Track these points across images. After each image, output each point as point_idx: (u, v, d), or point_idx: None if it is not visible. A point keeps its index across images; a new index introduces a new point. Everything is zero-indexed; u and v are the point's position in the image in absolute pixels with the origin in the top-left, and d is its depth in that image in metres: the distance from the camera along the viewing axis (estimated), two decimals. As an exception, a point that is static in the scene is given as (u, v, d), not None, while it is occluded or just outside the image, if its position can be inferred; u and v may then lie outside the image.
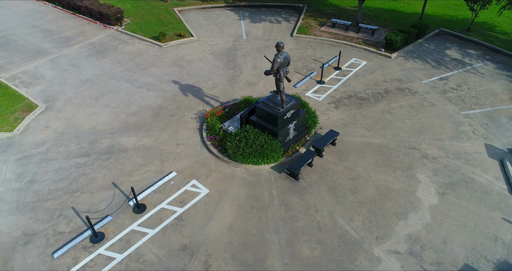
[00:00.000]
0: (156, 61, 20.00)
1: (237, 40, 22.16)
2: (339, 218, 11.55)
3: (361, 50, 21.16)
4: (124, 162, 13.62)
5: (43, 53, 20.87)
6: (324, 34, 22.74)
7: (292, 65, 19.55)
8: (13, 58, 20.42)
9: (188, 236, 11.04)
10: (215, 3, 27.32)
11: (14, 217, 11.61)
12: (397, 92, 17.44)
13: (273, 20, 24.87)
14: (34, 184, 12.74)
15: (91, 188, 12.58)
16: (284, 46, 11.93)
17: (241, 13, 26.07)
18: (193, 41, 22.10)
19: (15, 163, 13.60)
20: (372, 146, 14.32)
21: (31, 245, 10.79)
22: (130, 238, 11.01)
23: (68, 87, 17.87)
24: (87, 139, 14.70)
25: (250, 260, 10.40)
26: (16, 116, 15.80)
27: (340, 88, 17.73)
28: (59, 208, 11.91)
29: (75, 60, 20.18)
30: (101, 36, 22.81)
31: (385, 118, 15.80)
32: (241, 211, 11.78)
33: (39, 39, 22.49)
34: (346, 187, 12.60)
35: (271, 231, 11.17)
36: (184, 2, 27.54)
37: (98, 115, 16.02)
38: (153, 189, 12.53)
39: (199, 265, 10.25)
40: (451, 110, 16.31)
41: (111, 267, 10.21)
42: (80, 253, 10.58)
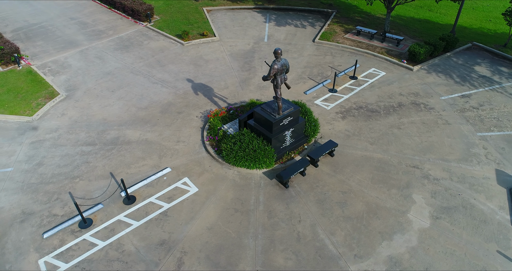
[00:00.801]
0: (175, 59, 20.61)
1: (257, 43, 22.28)
2: (320, 231, 11.36)
3: (382, 60, 20.50)
4: (125, 153, 14.23)
5: (74, 45, 22.20)
6: (347, 41, 22.27)
7: (307, 71, 19.37)
8: (48, 48, 21.90)
9: (169, 231, 11.36)
10: (244, 5, 27.60)
11: (17, 196, 12.54)
12: (411, 107, 16.75)
13: (298, 25, 24.72)
14: (41, 167, 13.66)
15: (90, 176, 13.27)
16: (282, 53, 11.89)
17: (268, 15, 26.14)
18: (215, 41, 22.50)
19: (28, 146, 14.64)
20: (371, 161, 13.90)
21: (26, 224, 11.61)
22: (115, 227, 11.51)
23: (90, 78, 18.90)
24: (96, 128, 15.50)
25: (223, 262, 10.52)
26: (38, 102, 16.97)
27: (351, 99, 17.32)
28: (58, 191, 12.69)
29: (102, 53, 21.28)
30: (130, 31, 23.85)
31: (392, 133, 15.24)
32: (224, 213, 11.92)
33: (74, 31, 23.93)
34: (335, 200, 12.34)
35: (250, 236, 11.22)
36: (214, 2, 28.08)
37: (111, 107, 16.82)
38: (146, 183, 12.99)
39: (173, 262, 10.52)
40: (466, 130, 15.41)
41: (92, 253, 10.75)
42: (67, 236, 11.23)
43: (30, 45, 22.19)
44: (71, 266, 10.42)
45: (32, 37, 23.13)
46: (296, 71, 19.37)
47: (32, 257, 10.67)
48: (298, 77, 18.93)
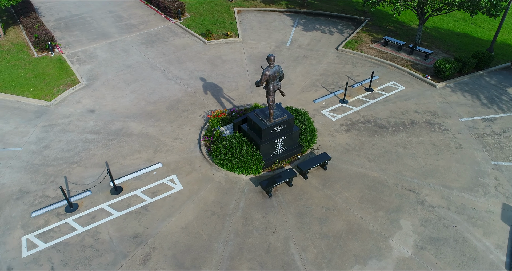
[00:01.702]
0: (194, 57, 20.99)
1: (279, 47, 22.07)
2: (292, 245, 11.04)
3: (405, 74, 19.44)
4: (123, 145, 14.76)
5: (106, 37, 23.37)
6: (372, 51, 21.38)
7: (322, 79, 18.86)
8: (81, 38, 23.26)
9: (145, 226, 11.63)
10: (276, 7, 27.45)
11: (19, 174, 13.48)
12: (424, 126, 15.73)
13: (326, 31, 24.13)
14: (46, 150, 14.57)
15: (87, 163, 13.93)
16: (275, 59, 11.70)
17: (297, 19, 25.80)
18: (237, 42, 22.62)
19: (41, 128, 15.67)
20: (365, 179, 13.25)
21: (20, 201, 12.44)
22: (97, 215, 11.99)
23: (111, 70, 19.81)
24: (104, 118, 16.23)
25: (187, 264, 10.57)
26: (60, 88, 18.10)
27: (361, 111, 16.62)
28: (55, 174, 13.46)
29: (128, 46, 22.21)
30: (159, 27, 24.65)
31: (396, 152, 14.42)
32: (201, 215, 11.98)
33: (109, 23, 25.20)
34: (316, 215, 11.93)
35: (220, 241, 11.17)
36: (247, 3, 28.21)
37: (123, 99, 17.52)
38: (135, 175, 13.40)
39: (140, 256, 10.76)
40: (480, 157, 14.20)
41: (69, 236, 11.29)
42: (52, 218, 11.89)
43: (67, 34, 23.70)
44: (48, 247, 11.01)
45: (70, 27, 24.68)
46: (310, 78, 18.95)
47: (17, 233, 11.42)
48: (311, 84, 18.50)
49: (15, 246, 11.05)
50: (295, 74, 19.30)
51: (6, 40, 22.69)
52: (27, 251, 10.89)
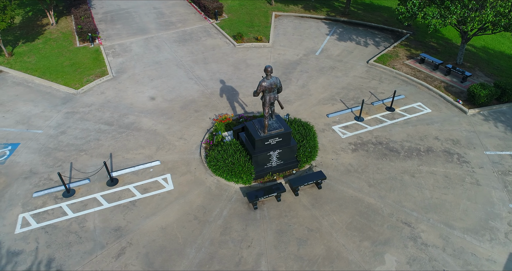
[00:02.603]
0: (220, 59, 21.22)
1: (307, 55, 21.58)
2: (264, 263, 10.76)
3: (435, 95, 18.06)
4: (130, 139, 15.35)
5: (144, 32, 24.44)
6: (404, 68, 20.14)
7: (342, 93, 18.12)
8: (122, 31, 24.55)
9: (128, 220, 12.01)
10: (316, 14, 26.86)
11: (33, 156, 14.57)
12: (441, 155, 14.51)
13: (361, 42, 23.15)
14: (62, 135, 15.60)
15: (93, 152, 14.70)
16: (272, 71, 11.43)
17: (334, 28, 25.03)
18: (266, 47, 22.49)
19: (63, 115, 16.80)
20: (359, 204, 12.53)
21: (27, 181, 13.45)
22: (88, 204, 12.61)
23: (140, 65, 20.68)
24: (120, 111, 16.99)
25: (157, 264, 10.75)
26: (89, 78, 19.27)
27: (375, 131, 15.73)
28: (63, 159, 14.37)
29: (162, 42, 23.03)
30: (196, 26, 25.26)
31: (401, 179, 13.46)
32: (183, 217, 12.10)
33: (150, 19, 26.32)
34: (296, 235, 11.52)
35: (194, 247, 11.21)
36: (288, 8, 27.92)
37: (142, 94, 18.21)
38: (133, 170, 13.88)
39: (116, 249, 11.13)
40: (497, 197, 12.79)
41: (58, 221, 12.00)
42: (49, 201, 12.71)
43: (110, 27, 25.15)
44: (39, 227, 11.80)
45: (115, 20, 26.16)
46: (330, 91, 18.31)
47: (17, 210, 12.37)
48: (329, 97, 17.87)
49: (12, 222, 11.98)
50: (316, 85, 18.76)
51: (56, 29, 24.62)
52: (20, 228, 11.75)
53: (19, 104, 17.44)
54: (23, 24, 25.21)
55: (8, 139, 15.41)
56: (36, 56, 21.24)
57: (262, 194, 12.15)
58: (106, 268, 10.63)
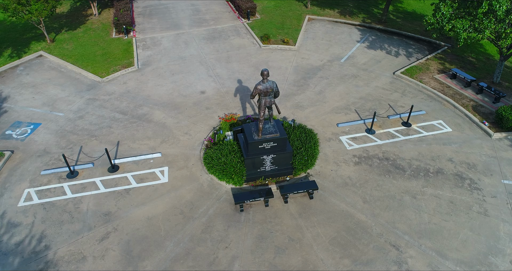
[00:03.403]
0: (243, 59, 21.34)
1: (332, 61, 21.05)
2: (237, 266, 10.71)
3: (459, 114, 16.84)
4: (139, 129, 15.93)
5: (177, 27, 25.20)
6: (432, 82, 18.98)
7: (359, 103, 17.47)
8: (156, 26, 25.50)
9: (119, 207, 12.50)
10: (351, 19, 26.10)
11: (50, 136, 15.62)
12: (451, 178, 13.52)
13: (392, 52, 22.15)
14: (80, 120, 16.56)
15: (103, 139, 15.44)
16: (268, 75, 11.29)
17: (367, 35, 24.17)
18: (291, 50, 22.25)
19: (85, 101, 17.82)
20: (349, 219, 12.04)
21: (39, 159, 14.46)
22: (87, 187, 13.30)
23: (166, 59, 21.37)
24: (137, 102, 17.69)
25: (135, 252, 11.09)
26: (116, 68, 20.25)
27: (384, 146, 15.01)
28: (75, 142, 15.26)
29: (191, 39, 23.61)
30: (227, 25, 25.59)
31: (401, 199, 12.74)
32: (170, 211, 12.36)
33: (186, 15, 27.07)
34: (276, 243, 11.33)
35: (173, 241, 11.42)
36: (323, 12, 27.40)
37: (161, 87, 18.81)
38: (134, 159, 14.41)
39: (101, 233, 11.64)
40: (504, 231, 11.69)
41: (57, 199, 12.77)
42: (54, 180, 13.56)
43: (146, 20, 26.23)
44: (39, 203, 12.64)
45: (152, 15, 27.23)
46: (347, 100, 17.72)
47: (24, 185, 13.35)
48: (344, 106, 17.31)
49: (17, 195, 12.95)
50: (333, 93, 18.25)
51: (97, 20, 26.14)
52: (23, 202, 12.67)
53: (49, 88, 18.76)
54: (70, 13, 27.04)
55: (32, 118, 16.65)
56: (74, 44, 22.70)
57: (249, 197, 12.09)
58: (88, 249, 11.16)
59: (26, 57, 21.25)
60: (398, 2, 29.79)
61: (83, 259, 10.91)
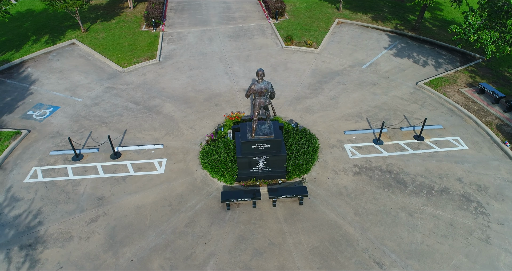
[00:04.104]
0: (263, 58, 21.25)
1: (353, 67, 20.40)
2: (212, 263, 10.69)
3: (480, 132, 15.67)
4: (147, 120, 16.37)
5: (205, 24, 25.60)
6: (457, 96, 17.82)
7: (372, 112, 16.79)
8: (185, 21, 26.07)
9: (112, 193, 12.93)
10: (383, 25, 25.14)
11: (65, 120, 16.47)
12: (455, 200, 12.62)
13: (420, 61, 21.07)
14: (95, 106, 17.31)
15: (112, 126, 16.04)
16: (263, 75, 11.13)
17: (397, 42, 23.16)
18: (313, 53, 21.83)
19: (103, 88, 18.61)
20: (336, 230, 11.60)
21: (51, 140, 15.29)
22: (88, 170, 13.88)
23: (187, 54, 21.79)
24: (151, 93, 18.19)
25: (118, 238, 11.41)
26: (138, 60, 20.94)
27: (389, 159, 14.32)
28: (86, 127, 15.98)
29: (216, 36, 23.89)
30: (254, 24, 25.61)
31: (395, 215, 12.08)
32: (159, 202, 12.59)
33: (216, 12, 27.43)
34: (255, 245, 11.17)
35: (156, 231, 11.61)
36: (355, 16, 26.62)
37: (177, 81, 19.20)
38: (137, 148, 14.82)
39: (91, 215, 12.10)
40: (505, 262, 10.73)
41: (59, 179, 13.44)
42: (59, 161, 14.29)
43: (177, 15, 26.89)
44: (42, 181, 13.38)
45: (184, 10, 27.87)
46: (360, 108, 17.09)
47: (33, 163, 14.19)
48: (356, 114, 16.71)
49: (25, 172, 13.79)
50: (347, 99, 17.68)
51: (131, 12, 27.19)
52: (29, 179, 13.47)
53: (74, 74, 19.79)
54: (107, 5, 28.35)
55: (53, 101, 17.65)
56: (105, 34, 23.77)
57: (237, 196, 12.02)
58: (76, 230, 11.65)
59: (59, 44, 22.58)
60: (437, 10, 28.28)
61: (70, 239, 11.41)
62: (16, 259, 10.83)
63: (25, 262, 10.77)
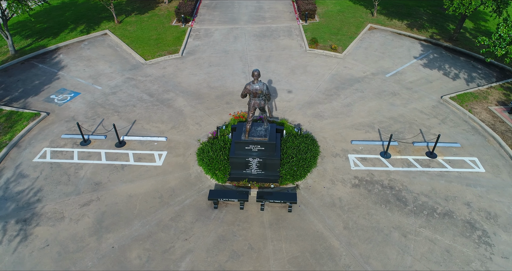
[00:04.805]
0: (283, 60, 20.94)
1: (375, 75, 19.53)
2: (188, 260, 10.68)
3: (503, 155, 14.35)
4: (158, 113, 16.71)
5: (233, 22, 25.71)
6: (484, 114, 16.47)
7: (386, 123, 15.96)
8: (215, 18, 26.34)
9: (109, 180, 13.33)
10: (417, 33, 23.86)
11: (82, 106, 17.25)
12: (458, 225, 11.65)
13: (451, 74, 19.73)
14: (112, 95, 17.97)
15: (123, 116, 16.55)
16: (259, 75, 10.91)
17: (429, 52, 21.87)
18: (336, 58, 21.17)
19: (123, 79, 19.26)
20: (320, 242, 11.14)
21: (65, 124, 16.07)
22: (92, 156, 14.42)
23: (210, 51, 22.00)
24: (166, 86, 18.56)
25: (105, 224, 11.74)
26: (161, 53, 21.47)
27: (393, 174, 13.53)
28: (100, 115, 16.62)
29: (242, 34, 23.90)
30: (283, 25, 25.32)
31: (387, 234, 11.38)
32: (151, 193, 12.78)
33: (247, 11, 27.46)
34: (234, 247, 11.01)
35: (141, 222, 11.81)
36: (389, 22, 25.49)
37: (194, 76, 19.44)
38: (141, 139, 15.18)
39: (85, 199, 12.55)
40: (502, 300, 9.75)
41: (64, 162, 14.08)
42: (69, 144, 14.97)
43: (208, 12, 27.25)
44: (49, 162, 14.09)
45: (216, 7, 28.18)
46: (373, 117, 16.32)
47: (45, 143, 14.99)
48: (368, 124, 15.97)
49: (36, 151, 14.60)
50: (362, 108, 16.95)
51: (165, 7, 27.95)
52: (38, 158, 14.25)
53: (100, 63, 20.68)
54: (145, -1, 29.38)
55: (76, 87, 18.55)
56: (136, 27, 24.63)
57: (224, 196, 11.93)
58: (69, 211, 12.15)
59: (93, 33, 23.71)
60: (482, 20, 26.36)
61: (61, 219, 11.91)
62: (10, 232, 11.49)
63: (18, 236, 11.39)
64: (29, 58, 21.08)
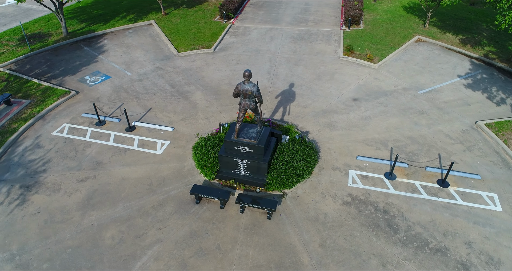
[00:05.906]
0: (313, 65, 20.33)
1: (406, 90, 18.15)
2: (155, 249, 10.86)
3: (529, 196, 12.54)
4: (173, 103, 17.19)
5: (275, 23, 25.52)
6: (521, 147, 14.51)
7: (402, 142, 14.77)
8: (258, 17, 26.36)
9: (110, 161, 14.01)
10: (470, 50, 21.70)
11: (109, 89, 18.32)
12: (450, 265, 10.41)
13: (497, 98, 17.66)
14: (137, 82, 18.84)
15: (142, 102, 17.28)
16: (250, 76, 10.69)
17: (478, 72, 19.79)
18: (369, 67, 20.05)
19: (153, 68, 20.09)
20: (289, 256, 10.65)
21: (89, 104, 17.19)
22: (102, 136, 15.26)
23: (242, 48, 22.09)
24: (189, 79, 19.00)
25: (93, 201, 12.37)
26: (195, 47, 22.02)
27: (392, 197, 12.48)
28: (121, 99, 17.53)
29: (279, 35, 23.62)
30: (324, 29, 24.57)
31: (365, 261, 10.52)
32: (142, 180, 13.19)
33: (292, 13, 27.09)
34: (203, 245, 10.96)
35: (125, 205, 12.25)
36: (441, 35, 23.52)
37: (219, 72, 19.67)
38: (151, 126, 15.73)
39: (83, 175, 13.34)
40: None
41: (76, 138, 15.08)
42: (86, 123, 16.00)
43: (253, 11, 27.36)
44: (64, 137, 15.21)
45: (263, 7, 28.19)
46: (389, 135, 15.19)
47: (66, 120, 16.19)
48: (381, 141, 14.92)
49: (56, 125, 15.84)
50: (380, 123, 15.88)
51: (213, 2, 28.60)
52: (56, 132, 15.45)
53: (137, 51, 21.80)
54: (196, -6, 30.32)
55: (109, 71, 19.77)
56: (180, 20, 25.54)
57: (206, 192, 11.92)
58: (66, 184, 13.00)
59: (139, 22, 25.05)
60: (553, 42, 23.20)
61: (57, 191, 12.80)
62: (12, 195, 12.61)
63: (17, 199, 12.47)
64: (78, 41, 22.89)
